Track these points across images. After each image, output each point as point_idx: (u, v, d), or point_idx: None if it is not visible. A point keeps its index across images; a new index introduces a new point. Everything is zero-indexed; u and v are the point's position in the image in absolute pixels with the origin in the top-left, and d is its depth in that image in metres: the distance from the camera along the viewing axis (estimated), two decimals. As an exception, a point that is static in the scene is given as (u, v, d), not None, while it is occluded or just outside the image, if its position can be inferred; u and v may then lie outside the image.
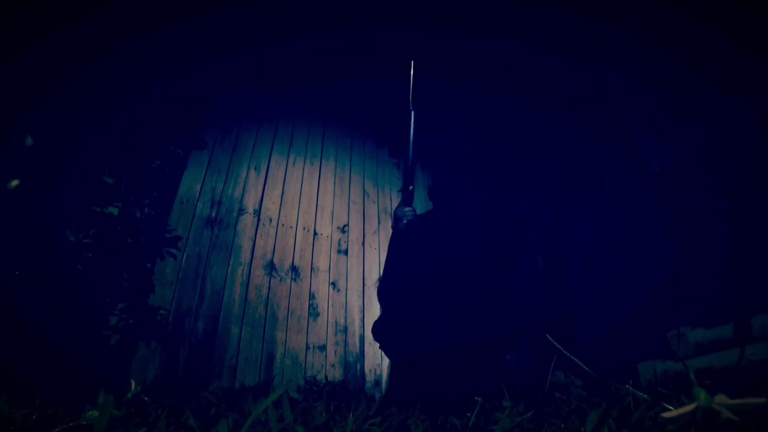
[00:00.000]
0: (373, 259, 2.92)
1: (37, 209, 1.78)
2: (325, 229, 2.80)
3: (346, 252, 2.82)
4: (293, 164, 2.86)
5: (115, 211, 1.96)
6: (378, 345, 1.72)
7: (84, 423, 0.53)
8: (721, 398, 0.42)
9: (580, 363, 0.83)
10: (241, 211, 2.50)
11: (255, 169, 2.67)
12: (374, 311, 2.73)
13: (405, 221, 1.69)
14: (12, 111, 1.80)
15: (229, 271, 2.30)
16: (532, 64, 2.67)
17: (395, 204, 3.21)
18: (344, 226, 2.90)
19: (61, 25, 1.80)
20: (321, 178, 2.94)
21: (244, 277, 2.34)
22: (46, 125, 1.88)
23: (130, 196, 2.10)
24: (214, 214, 2.39)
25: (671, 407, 0.50)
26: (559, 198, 2.69)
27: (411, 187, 1.75)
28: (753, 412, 0.41)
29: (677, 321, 1.91)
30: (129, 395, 0.98)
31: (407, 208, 1.72)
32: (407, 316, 1.59)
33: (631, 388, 0.67)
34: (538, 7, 2.38)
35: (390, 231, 3.20)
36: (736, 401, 0.42)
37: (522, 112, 2.96)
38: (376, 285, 2.85)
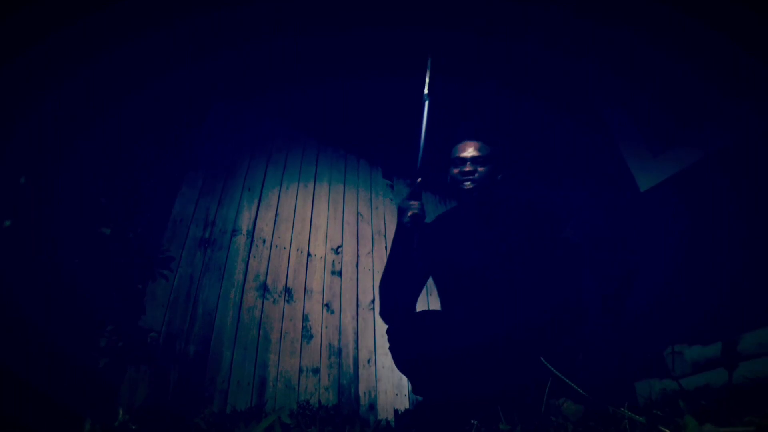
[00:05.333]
0: (366, 281, 2.90)
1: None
2: (319, 250, 2.79)
3: (339, 273, 2.81)
4: (287, 187, 2.87)
5: (107, 231, 1.95)
6: (372, 368, 1.67)
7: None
8: (708, 428, 0.43)
9: (576, 387, 0.82)
10: (235, 232, 2.49)
11: (249, 190, 2.68)
12: (368, 333, 2.69)
13: (410, 214, 1.55)
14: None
15: (221, 293, 2.28)
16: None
17: (389, 225, 3.21)
18: (338, 247, 2.90)
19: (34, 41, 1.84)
20: (315, 199, 2.96)
21: (237, 299, 2.32)
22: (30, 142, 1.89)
23: (123, 216, 2.10)
24: (207, 235, 2.38)
25: (667, 430, 0.51)
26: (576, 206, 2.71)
27: (419, 179, 1.58)
28: None
29: (673, 338, 1.90)
30: (116, 423, 0.95)
31: (413, 202, 1.56)
32: (406, 331, 1.53)
33: (627, 411, 0.66)
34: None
35: (384, 252, 3.20)
36: (723, 430, 0.42)
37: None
38: (370, 307, 2.82)
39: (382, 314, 1.63)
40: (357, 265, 2.89)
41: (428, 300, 3.04)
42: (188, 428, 1.17)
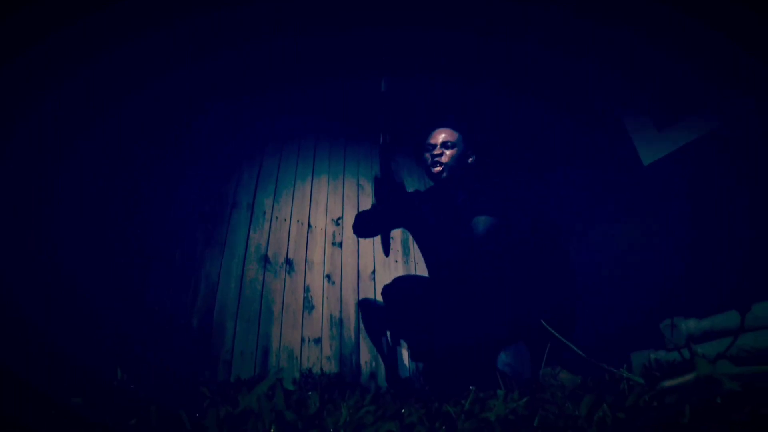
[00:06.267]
0: (367, 252, 2.90)
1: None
2: (320, 222, 2.79)
3: (340, 245, 2.80)
4: (286, 160, 2.86)
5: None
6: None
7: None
8: (724, 364, 0.40)
9: (574, 347, 0.83)
10: (235, 205, 2.49)
11: (248, 166, 2.68)
12: None
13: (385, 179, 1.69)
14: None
15: (222, 267, 2.29)
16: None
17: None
18: (338, 218, 2.89)
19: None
20: (315, 171, 2.95)
21: (238, 272, 2.32)
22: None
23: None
24: (207, 209, 2.38)
25: (669, 380, 0.48)
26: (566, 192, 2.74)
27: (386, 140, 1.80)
28: (756, 381, 0.39)
29: (670, 311, 1.91)
30: (115, 382, 0.95)
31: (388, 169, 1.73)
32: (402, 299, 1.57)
33: (625, 372, 0.66)
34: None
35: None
36: (739, 369, 0.40)
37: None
38: (371, 278, 2.83)
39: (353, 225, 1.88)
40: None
41: (411, 260, 3.04)
42: (193, 394, 1.17)
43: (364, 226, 1.86)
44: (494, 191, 1.70)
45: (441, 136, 1.76)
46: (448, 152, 1.72)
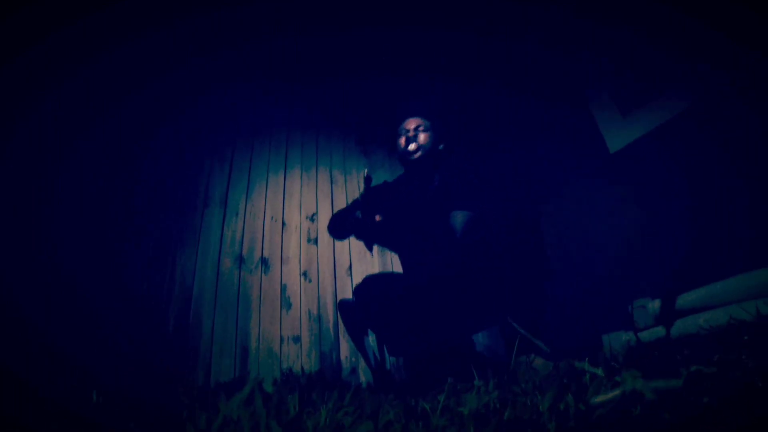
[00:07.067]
0: (343, 247, 2.87)
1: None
2: (294, 218, 2.79)
3: (315, 241, 2.79)
4: (258, 155, 2.85)
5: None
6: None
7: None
8: (641, 382, 0.47)
9: (542, 345, 0.86)
10: (207, 201, 2.50)
11: (218, 161, 2.69)
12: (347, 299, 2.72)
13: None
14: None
15: (197, 265, 2.29)
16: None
17: (363, 188, 3.18)
18: (313, 215, 2.88)
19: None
20: (287, 166, 2.96)
21: (213, 271, 2.33)
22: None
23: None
24: (180, 206, 2.39)
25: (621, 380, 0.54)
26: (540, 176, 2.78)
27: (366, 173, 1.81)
28: (671, 392, 0.47)
29: (638, 293, 1.93)
30: (94, 400, 0.95)
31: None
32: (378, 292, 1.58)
33: (586, 365, 0.70)
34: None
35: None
36: (656, 383, 0.47)
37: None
38: (348, 273, 2.83)
39: (329, 228, 1.94)
40: (333, 232, 2.88)
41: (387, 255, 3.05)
42: (170, 402, 1.17)
43: (342, 229, 1.90)
44: (471, 177, 1.73)
45: (414, 121, 1.86)
46: (422, 135, 1.83)
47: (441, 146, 1.86)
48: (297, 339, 2.37)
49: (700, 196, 1.94)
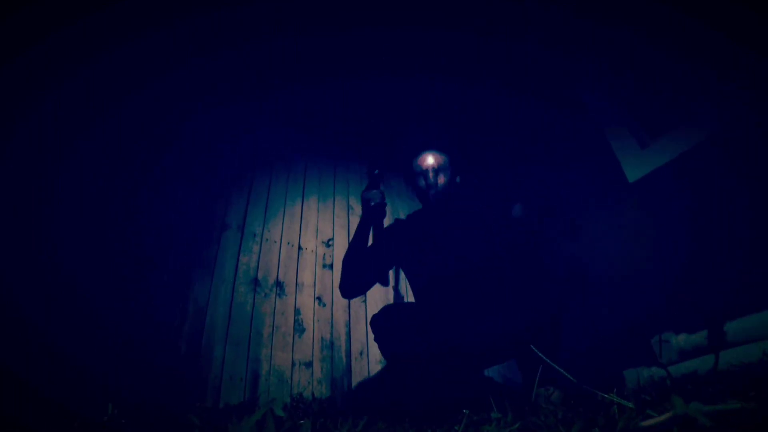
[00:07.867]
0: None
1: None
2: (310, 243, 2.79)
3: (331, 267, 2.80)
4: (275, 181, 2.87)
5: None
6: (364, 360, 1.71)
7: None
8: (696, 405, 0.44)
9: (565, 373, 0.83)
10: (225, 226, 2.48)
11: (238, 187, 2.68)
12: (360, 326, 2.70)
13: (372, 203, 1.77)
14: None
15: (212, 289, 2.27)
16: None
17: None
18: (329, 240, 2.90)
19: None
20: (305, 192, 2.96)
21: (228, 295, 2.31)
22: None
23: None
24: (197, 231, 2.37)
25: (655, 414, 0.51)
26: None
27: (376, 171, 1.85)
28: (728, 417, 0.43)
29: (661, 327, 1.91)
30: (105, 418, 0.94)
31: (373, 191, 1.79)
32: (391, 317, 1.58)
33: (615, 397, 0.66)
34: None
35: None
36: (710, 407, 0.44)
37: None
38: (362, 299, 2.83)
39: (341, 287, 1.83)
40: (348, 258, 2.89)
41: (401, 285, 3.05)
42: (181, 425, 1.17)
43: (359, 273, 1.85)
44: (486, 208, 1.80)
45: (431, 160, 1.82)
46: (441, 178, 1.81)
47: (458, 179, 1.87)
48: (309, 365, 2.35)
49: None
